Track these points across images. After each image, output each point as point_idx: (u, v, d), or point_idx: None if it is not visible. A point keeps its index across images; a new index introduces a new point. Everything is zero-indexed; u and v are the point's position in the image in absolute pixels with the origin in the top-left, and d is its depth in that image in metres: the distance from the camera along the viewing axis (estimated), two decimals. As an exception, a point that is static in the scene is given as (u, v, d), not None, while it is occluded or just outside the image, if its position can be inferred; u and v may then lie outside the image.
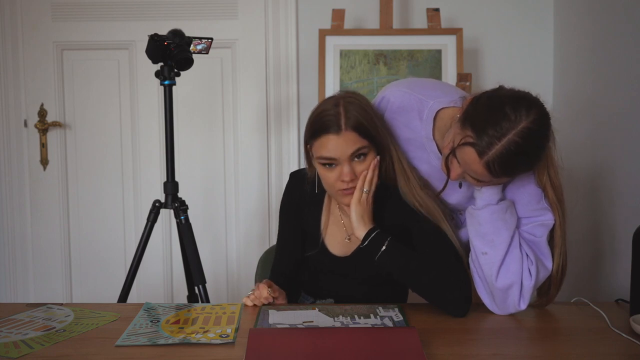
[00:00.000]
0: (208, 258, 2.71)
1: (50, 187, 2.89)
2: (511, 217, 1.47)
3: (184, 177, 2.55)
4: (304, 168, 1.66)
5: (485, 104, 1.36)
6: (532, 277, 1.46)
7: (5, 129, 2.85)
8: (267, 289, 1.53)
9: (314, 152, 1.50)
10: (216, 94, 2.85)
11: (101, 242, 2.91)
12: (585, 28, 2.38)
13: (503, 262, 1.46)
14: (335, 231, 1.64)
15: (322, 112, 1.48)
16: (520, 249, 1.47)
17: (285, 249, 1.72)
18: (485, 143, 1.31)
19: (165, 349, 1.26)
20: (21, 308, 1.53)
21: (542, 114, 1.35)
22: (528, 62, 2.72)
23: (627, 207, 1.99)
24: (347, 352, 1.20)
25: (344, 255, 1.62)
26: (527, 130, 1.30)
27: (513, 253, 1.46)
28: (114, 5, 2.80)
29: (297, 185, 1.68)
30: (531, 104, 1.34)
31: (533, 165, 1.40)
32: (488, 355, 1.25)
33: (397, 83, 1.73)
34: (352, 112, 1.45)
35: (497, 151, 1.30)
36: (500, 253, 1.46)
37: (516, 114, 1.31)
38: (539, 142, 1.35)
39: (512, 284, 1.45)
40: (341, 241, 1.64)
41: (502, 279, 1.45)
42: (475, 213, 1.49)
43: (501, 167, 1.32)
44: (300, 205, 1.68)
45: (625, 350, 1.26)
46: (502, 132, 1.30)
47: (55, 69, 2.84)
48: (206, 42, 2.15)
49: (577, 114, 2.43)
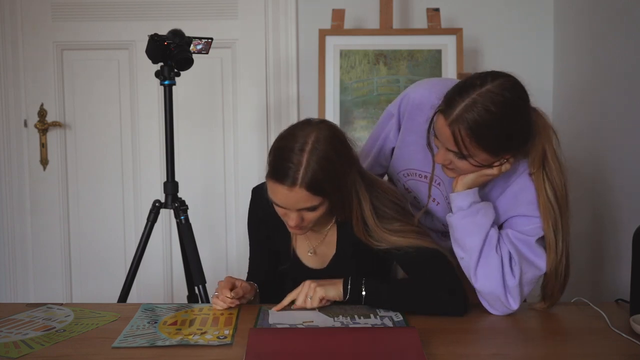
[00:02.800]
0: (208, 258, 2.71)
1: (50, 187, 2.89)
2: (484, 219, 1.46)
3: (184, 177, 2.55)
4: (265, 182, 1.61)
5: (458, 82, 1.40)
6: (515, 277, 1.45)
7: (5, 129, 2.85)
8: (229, 293, 1.48)
9: (268, 189, 1.44)
10: (216, 94, 2.85)
11: (101, 242, 2.91)
12: (585, 28, 2.38)
13: (478, 264, 1.45)
14: (303, 244, 1.63)
15: (285, 151, 1.39)
16: (497, 249, 1.45)
17: (256, 263, 1.71)
18: (451, 106, 1.34)
19: (164, 350, 1.26)
20: (21, 308, 1.53)
21: (510, 81, 1.36)
22: (528, 62, 2.72)
23: (627, 207, 1.99)
24: (347, 352, 1.20)
25: (320, 267, 1.62)
26: (491, 92, 1.32)
27: (488, 255, 1.45)
28: (114, 5, 2.80)
29: (260, 201, 1.62)
30: (500, 75, 1.37)
31: (505, 135, 1.36)
32: (488, 355, 1.25)
33: (421, 81, 1.74)
34: (313, 165, 1.36)
35: (461, 111, 1.32)
36: (474, 257, 1.45)
37: (482, 80, 1.35)
38: (507, 106, 1.34)
39: (492, 285, 1.44)
40: (307, 253, 1.63)
41: (480, 281, 1.45)
42: (449, 220, 1.50)
43: (467, 130, 1.32)
44: (264, 220, 1.64)
45: (625, 350, 1.26)
46: (467, 94, 1.33)
47: (55, 69, 2.84)
48: (206, 42, 2.15)
49: (576, 114, 2.43)
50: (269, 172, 1.41)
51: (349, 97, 2.59)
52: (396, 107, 1.71)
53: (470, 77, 1.39)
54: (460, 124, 1.33)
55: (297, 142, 1.39)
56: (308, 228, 1.50)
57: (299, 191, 1.36)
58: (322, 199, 1.41)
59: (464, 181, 1.46)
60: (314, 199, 1.39)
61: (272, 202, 1.44)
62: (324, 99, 2.64)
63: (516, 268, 1.45)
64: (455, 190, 1.48)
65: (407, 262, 1.50)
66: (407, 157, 1.69)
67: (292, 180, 1.36)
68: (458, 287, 1.46)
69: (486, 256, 1.45)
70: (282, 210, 1.44)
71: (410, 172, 1.68)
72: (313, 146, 1.38)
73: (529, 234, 1.47)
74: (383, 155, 1.77)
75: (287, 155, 1.38)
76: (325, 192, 1.39)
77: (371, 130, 1.86)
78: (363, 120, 2.59)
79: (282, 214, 1.46)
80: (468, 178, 1.46)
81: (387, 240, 1.48)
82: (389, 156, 1.76)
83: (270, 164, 1.42)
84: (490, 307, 1.48)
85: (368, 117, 2.59)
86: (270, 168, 1.41)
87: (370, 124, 2.57)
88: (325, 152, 1.38)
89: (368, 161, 1.77)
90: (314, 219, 1.45)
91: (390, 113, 1.74)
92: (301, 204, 1.40)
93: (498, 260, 1.45)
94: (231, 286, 1.51)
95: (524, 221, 1.48)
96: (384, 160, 1.78)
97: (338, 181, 1.41)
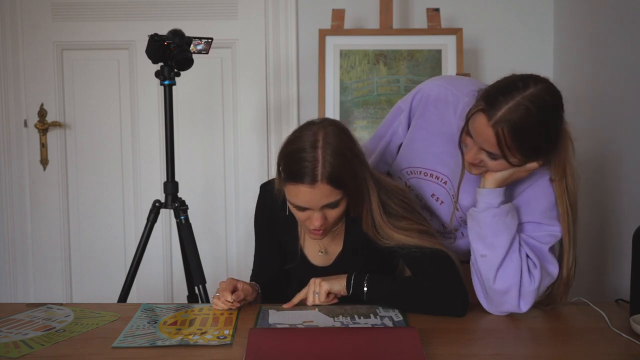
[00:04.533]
0: (208, 258, 2.71)
1: (50, 187, 2.89)
2: (512, 221, 1.47)
3: (184, 177, 2.55)
4: (273, 180, 1.60)
5: (497, 82, 1.40)
6: (534, 281, 1.45)
7: (5, 129, 2.85)
8: (230, 297, 1.46)
9: (286, 194, 1.44)
10: (216, 94, 2.85)
11: (101, 242, 2.91)
12: (585, 28, 2.38)
13: (501, 265, 1.45)
14: (312, 243, 1.63)
15: (299, 152, 1.38)
16: (520, 253, 1.46)
17: (262, 261, 1.69)
18: (494, 106, 1.33)
19: (164, 350, 1.26)
20: (21, 308, 1.53)
21: (551, 87, 1.38)
22: (528, 62, 2.72)
23: (627, 207, 1.99)
24: (347, 352, 1.20)
25: (326, 265, 1.62)
26: (535, 95, 1.33)
27: (512, 256, 1.45)
28: (114, 5, 2.80)
29: (268, 199, 1.63)
30: (541, 79, 1.38)
31: (543, 139, 1.37)
32: (488, 355, 1.25)
33: (434, 78, 1.74)
34: (329, 159, 1.37)
35: (505, 112, 1.32)
36: (499, 256, 1.45)
37: (524, 83, 1.35)
38: (549, 111, 1.36)
39: (510, 286, 1.44)
40: (317, 252, 1.63)
41: (499, 281, 1.45)
42: (476, 215, 1.49)
43: (510, 131, 1.32)
44: (273, 218, 1.64)
45: (625, 350, 1.26)
46: (511, 96, 1.33)
47: (55, 69, 2.84)
48: (206, 42, 2.15)
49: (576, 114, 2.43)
50: (286, 177, 1.40)
51: (349, 97, 2.59)
52: (408, 102, 1.70)
53: (509, 79, 1.39)
54: (504, 124, 1.32)
55: (306, 142, 1.39)
56: (329, 230, 1.50)
57: (321, 187, 1.37)
58: (343, 193, 1.41)
59: (495, 177, 1.45)
60: (336, 193, 1.39)
61: (294, 206, 1.43)
62: (324, 99, 2.64)
63: (536, 272, 1.46)
64: (485, 186, 1.47)
65: (412, 260, 1.50)
66: (414, 154, 1.68)
67: (312, 177, 1.36)
68: (460, 287, 1.46)
69: (510, 257, 1.45)
70: (304, 214, 1.43)
71: (415, 170, 1.67)
72: (324, 141, 1.38)
73: (546, 242, 1.48)
74: (389, 152, 1.76)
75: (300, 156, 1.38)
76: (345, 184, 1.39)
77: (371, 130, 1.86)
78: (363, 120, 2.59)
79: (304, 219, 1.45)
80: (500, 175, 1.45)
81: (392, 238, 1.48)
82: (395, 153, 1.75)
83: (284, 170, 1.41)
84: (491, 306, 1.48)
85: (368, 117, 2.59)
86: (286, 173, 1.40)
87: (370, 124, 2.57)
88: (337, 146, 1.39)
89: (373, 158, 1.76)
90: (336, 217, 1.45)
91: (400, 108, 1.73)
92: (324, 200, 1.40)
93: (519, 263, 1.45)
94: (233, 288, 1.50)
95: (535, 228, 1.49)
96: (390, 158, 1.76)
97: (353, 173, 1.42)
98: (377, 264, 1.58)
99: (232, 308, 1.49)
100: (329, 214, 1.44)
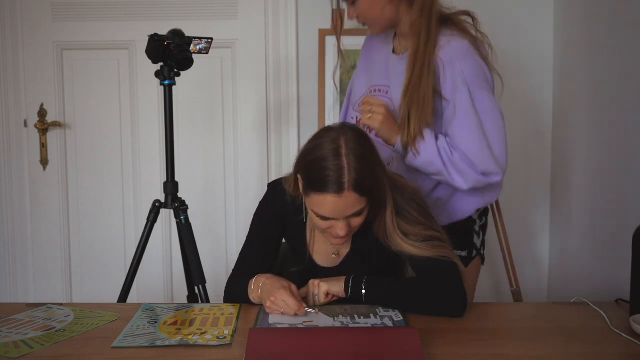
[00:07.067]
0: (208, 258, 2.71)
1: (50, 187, 2.89)
2: None
3: (184, 177, 2.55)
4: (281, 179, 1.60)
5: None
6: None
7: (5, 129, 2.85)
8: (294, 301, 1.42)
9: (310, 204, 1.41)
10: (216, 94, 2.85)
11: (101, 242, 2.91)
12: (585, 28, 2.38)
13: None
14: (322, 246, 1.62)
15: (322, 161, 1.36)
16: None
17: (256, 258, 1.61)
18: None
19: (164, 350, 1.26)
20: (21, 308, 1.53)
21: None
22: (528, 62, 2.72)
23: (627, 207, 1.99)
24: (347, 352, 1.20)
25: (332, 265, 1.62)
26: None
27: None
28: (114, 5, 2.80)
29: (278, 198, 1.59)
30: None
31: None
32: (488, 355, 1.25)
33: None
34: (354, 165, 1.34)
35: None
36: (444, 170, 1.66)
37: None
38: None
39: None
40: (327, 255, 1.62)
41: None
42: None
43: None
44: (282, 219, 1.61)
45: (625, 350, 1.26)
46: None
47: (55, 69, 2.84)
48: (206, 42, 2.15)
49: (576, 114, 2.43)
50: (310, 187, 1.38)
51: (349, 97, 2.59)
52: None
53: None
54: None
55: (328, 150, 1.36)
56: (351, 234, 1.48)
57: (348, 195, 1.34)
58: (367, 201, 1.39)
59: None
60: (361, 201, 1.37)
61: (318, 216, 1.40)
62: (324, 99, 2.64)
63: None
64: None
65: (417, 267, 1.49)
66: (356, 88, 1.93)
67: (338, 186, 1.34)
68: (459, 288, 1.46)
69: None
70: (327, 223, 1.41)
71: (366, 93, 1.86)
72: (347, 148, 1.36)
73: None
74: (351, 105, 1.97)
75: (324, 165, 1.35)
76: (370, 191, 1.37)
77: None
78: (363, 120, 2.58)
79: (326, 227, 1.43)
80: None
81: (400, 247, 1.47)
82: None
83: (307, 180, 1.39)
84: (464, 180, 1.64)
85: (368, 117, 2.58)
86: (310, 183, 1.38)
87: (370, 124, 2.56)
88: (359, 152, 1.37)
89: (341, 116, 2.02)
90: (359, 224, 1.44)
91: None
92: (350, 210, 1.37)
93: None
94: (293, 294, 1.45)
95: None
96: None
97: (377, 178, 1.40)
98: (383, 265, 1.58)
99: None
100: (353, 221, 1.42)
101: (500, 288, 2.68)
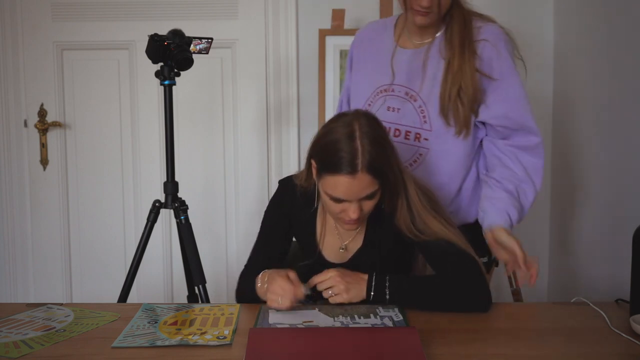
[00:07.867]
0: (208, 258, 2.71)
1: (50, 187, 2.89)
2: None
3: (184, 177, 2.55)
4: (292, 176, 1.62)
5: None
6: None
7: (5, 129, 2.85)
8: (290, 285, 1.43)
9: (323, 186, 1.43)
10: (216, 94, 2.85)
11: (101, 242, 2.91)
12: (585, 28, 2.38)
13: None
14: (331, 241, 1.62)
15: (336, 143, 1.38)
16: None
17: (261, 255, 1.63)
18: None
19: (164, 350, 1.26)
20: (21, 308, 1.53)
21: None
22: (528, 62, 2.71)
23: (627, 207, 1.99)
24: (347, 352, 1.20)
25: (341, 261, 1.62)
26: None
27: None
28: (114, 5, 2.80)
29: (288, 195, 1.61)
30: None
31: None
32: (488, 355, 1.25)
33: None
34: (368, 149, 1.36)
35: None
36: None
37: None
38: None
39: None
40: (337, 250, 1.62)
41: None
42: None
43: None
44: (291, 215, 1.63)
45: (625, 350, 1.26)
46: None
47: (55, 69, 2.84)
48: (206, 42, 2.15)
49: (576, 114, 2.43)
50: (324, 168, 1.40)
51: (349, 97, 2.59)
52: (349, 53, 1.90)
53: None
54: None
55: (342, 133, 1.39)
56: (363, 220, 1.49)
57: (361, 177, 1.36)
58: (380, 184, 1.40)
59: None
60: (374, 183, 1.39)
61: (331, 198, 1.42)
62: (324, 99, 2.64)
63: None
64: None
65: (438, 257, 1.50)
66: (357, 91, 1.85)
67: (352, 167, 1.36)
68: (483, 284, 1.47)
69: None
70: (340, 206, 1.42)
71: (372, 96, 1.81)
72: (361, 131, 1.38)
73: None
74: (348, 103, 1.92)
75: (339, 147, 1.37)
76: (384, 173, 1.39)
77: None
78: (363, 120, 2.58)
79: (338, 211, 1.44)
80: None
81: (430, 227, 1.47)
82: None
83: (321, 162, 1.41)
84: None
85: (368, 117, 2.58)
86: (324, 164, 1.40)
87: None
88: (373, 134, 1.39)
89: None
90: (371, 208, 1.45)
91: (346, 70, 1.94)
92: (364, 191, 1.39)
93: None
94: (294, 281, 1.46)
95: None
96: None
97: (390, 161, 1.42)
98: (392, 261, 1.59)
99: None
100: (365, 205, 1.43)
101: (500, 288, 2.68)
